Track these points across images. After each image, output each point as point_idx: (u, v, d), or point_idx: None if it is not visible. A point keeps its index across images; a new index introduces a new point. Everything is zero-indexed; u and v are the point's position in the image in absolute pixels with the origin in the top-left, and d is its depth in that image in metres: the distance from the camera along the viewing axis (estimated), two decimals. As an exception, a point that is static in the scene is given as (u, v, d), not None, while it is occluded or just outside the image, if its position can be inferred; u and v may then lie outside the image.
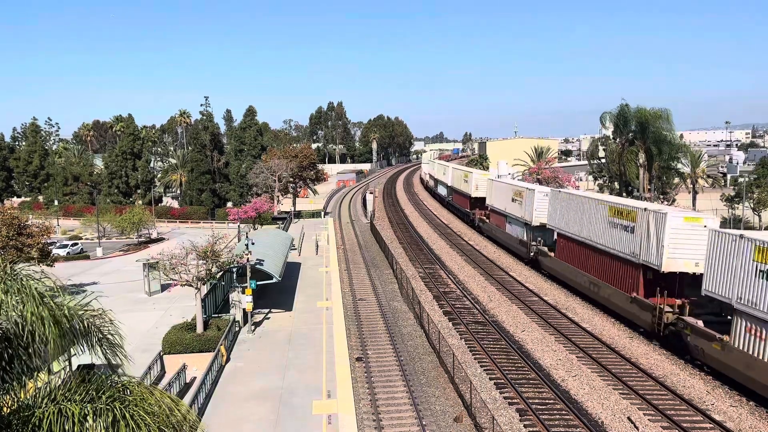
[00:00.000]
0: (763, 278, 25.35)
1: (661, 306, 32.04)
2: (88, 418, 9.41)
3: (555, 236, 48.92)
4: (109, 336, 10.78)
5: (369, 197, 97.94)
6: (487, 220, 69.33)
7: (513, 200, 57.95)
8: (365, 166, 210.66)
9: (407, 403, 26.15)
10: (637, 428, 23.43)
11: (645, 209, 35.23)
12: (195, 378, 27.58)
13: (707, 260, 28.96)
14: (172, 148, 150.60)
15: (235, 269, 38.81)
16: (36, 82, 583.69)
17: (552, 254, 48.13)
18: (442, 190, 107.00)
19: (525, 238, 54.41)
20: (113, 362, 10.76)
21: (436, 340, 33.06)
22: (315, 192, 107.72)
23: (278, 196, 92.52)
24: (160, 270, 36.56)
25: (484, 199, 72.41)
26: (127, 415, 9.46)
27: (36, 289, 9.76)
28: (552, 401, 26.02)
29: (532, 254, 52.19)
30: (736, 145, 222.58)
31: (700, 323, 29.66)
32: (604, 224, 39.43)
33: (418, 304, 39.96)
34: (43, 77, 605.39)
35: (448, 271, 52.65)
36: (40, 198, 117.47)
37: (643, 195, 68.29)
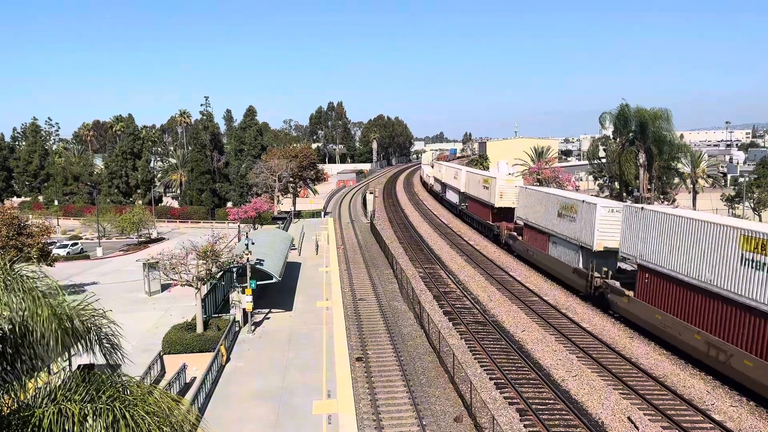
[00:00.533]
0: None
1: None
2: (88, 418, 9.41)
3: (619, 264, 40.12)
4: (110, 335, 10.79)
5: (369, 197, 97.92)
6: (520, 238, 57.14)
7: (560, 215, 46.58)
8: (365, 166, 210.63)
9: (407, 403, 26.15)
10: (637, 428, 23.43)
11: None
12: (195, 378, 27.58)
13: None
14: (172, 148, 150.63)
15: (235, 269, 38.83)
16: (36, 82, 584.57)
17: (630, 293, 36.06)
18: (452, 197, 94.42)
19: (581, 266, 43.05)
20: (113, 362, 10.77)
21: (436, 340, 33.06)
22: (315, 192, 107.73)
23: (278, 196, 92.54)
24: (160, 270, 36.57)
25: (511, 209, 61.92)
26: (127, 414, 9.46)
27: (36, 288, 9.76)
28: (552, 401, 26.02)
29: (594, 290, 40.41)
30: (737, 145, 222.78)
31: None
32: (734, 261, 26.90)
33: (418, 304, 39.96)
34: (43, 77, 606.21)
35: (448, 271, 52.62)
36: (40, 198, 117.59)
37: (643, 195, 68.30)
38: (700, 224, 29.98)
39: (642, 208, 36.52)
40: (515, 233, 58.99)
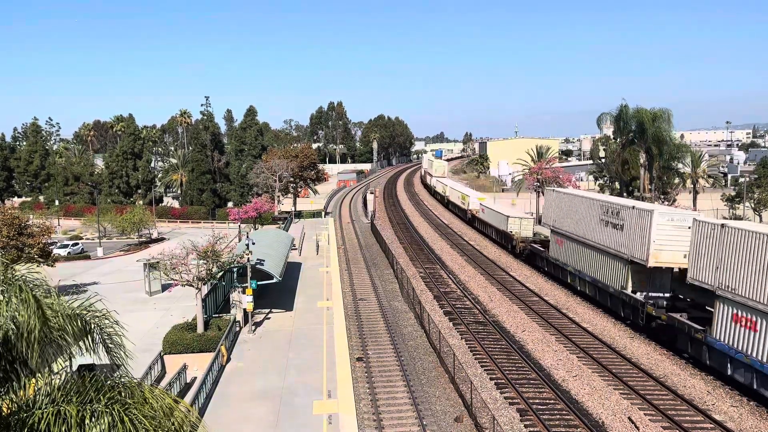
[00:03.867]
0: None
1: None
2: (86, 420, 9.39)
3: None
4: (113, 335, 10.78)
5: (369, 197, 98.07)
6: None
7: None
8: (366, 166, 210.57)
9: (408, 403, 26.14)
10: (637, 428, 23.42)
11: None
12: (195, 378, 27.58)
13: None
14: (172, 148, 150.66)
15: (235, 269, 38.81)
16: (36, 82, 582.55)
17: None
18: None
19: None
20: (115, 361, 10.76)
21: (436, 340, 33.04)
22: (315, 192, 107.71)
23: (279, 196, 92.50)
24: (161, 270, 36.54)
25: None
26: (126, 418, 9.44)
27: (33, 293, 9.72)
28: (553, 401, 26.00)
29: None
30: (737, 145, 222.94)
31: None
32: None
33: (418, 304, 39.95)
34: (43, 77, 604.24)
35: (449, 271, 52.61)
36: (41, 198, 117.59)
37: (643, 195, 68.29)
38: None
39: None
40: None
